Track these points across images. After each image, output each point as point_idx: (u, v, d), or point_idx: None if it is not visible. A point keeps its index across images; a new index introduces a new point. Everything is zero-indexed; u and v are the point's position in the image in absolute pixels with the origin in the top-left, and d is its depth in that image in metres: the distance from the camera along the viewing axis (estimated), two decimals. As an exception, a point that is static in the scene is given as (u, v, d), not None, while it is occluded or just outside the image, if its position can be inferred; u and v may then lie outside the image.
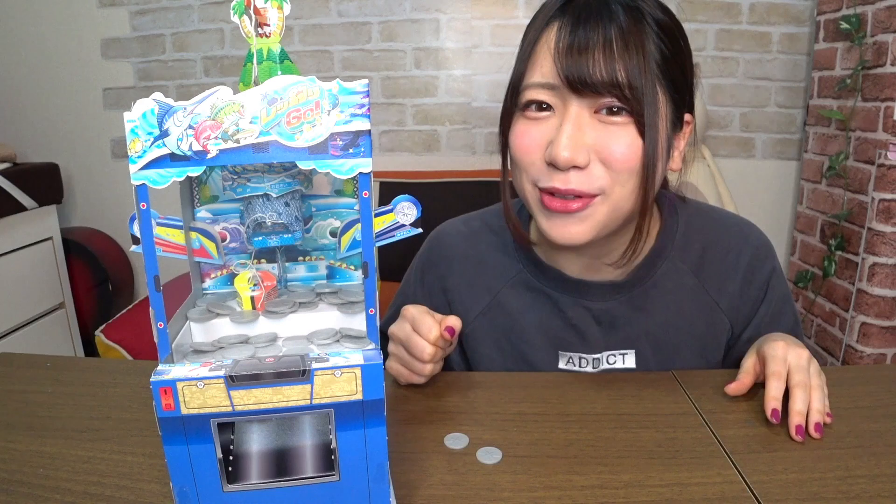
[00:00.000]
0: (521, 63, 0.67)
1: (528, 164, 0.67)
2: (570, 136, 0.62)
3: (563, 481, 0.53)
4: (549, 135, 0.65)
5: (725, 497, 0.50)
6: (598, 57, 0.61)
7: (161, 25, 2.20)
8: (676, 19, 0.67)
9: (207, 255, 0.51)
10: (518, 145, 0.67)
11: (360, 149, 0.39)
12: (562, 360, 0.78)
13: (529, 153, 0.66)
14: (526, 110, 0.67)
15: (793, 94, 2.11)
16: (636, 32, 0.62)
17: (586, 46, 0.61)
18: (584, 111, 0.63)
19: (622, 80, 0.61)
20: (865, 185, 1.72)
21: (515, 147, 0.68)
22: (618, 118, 0.63)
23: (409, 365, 0.69)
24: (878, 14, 1.65)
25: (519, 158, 0.68)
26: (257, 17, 0.43)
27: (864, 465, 0.54)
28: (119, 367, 0.81)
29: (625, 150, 0.63)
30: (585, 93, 0.62)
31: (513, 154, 0.69)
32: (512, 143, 0.68)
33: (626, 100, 0.62)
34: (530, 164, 0.67)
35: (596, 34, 0.61)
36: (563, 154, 0.62)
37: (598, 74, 0.61)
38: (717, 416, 0.63)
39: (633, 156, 0.63)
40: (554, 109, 0.65)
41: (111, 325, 1.63)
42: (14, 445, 0.59)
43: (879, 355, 1.74)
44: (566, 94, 0.63)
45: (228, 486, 0.41)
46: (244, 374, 0.39)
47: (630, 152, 0.63)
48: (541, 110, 0.66)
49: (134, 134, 0.38)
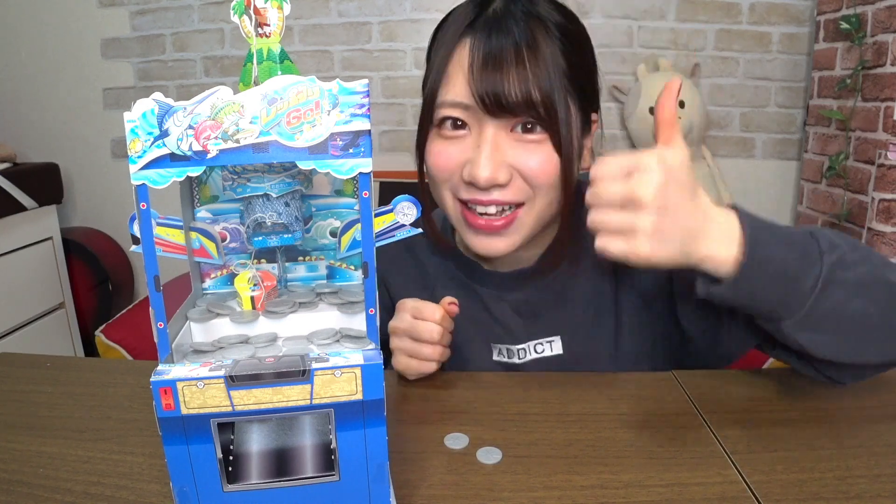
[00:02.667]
0: (434, 79, 0.67)
1: (445, 180, 0.69)
2: (488, 156, 0.64)
3: (563, 481, 0.53)
4: (465, 154, 0.66)
5: (725, 497, 0.50)
6: (511, 78, 0.62)
7: (161, 25, 2.20)
8: (574, 17, 0.68)
9: (207, 255, 0.51)
10: (435, 164, 0.69)
11: (360, 149, 0.39)
12: (494, 352, 0.79)
13: (447, 171, 0.68)
14: (441, 127, 0.68)
15: (793, 94, 2.11)
16: (543, 46, 0.63)
17: (500, 66, 0.62)
18: (500, 131, 0.65)
19: (536, 99, 0.62)
20: (865, 185, 1.72)
21: (432, 165, 0.69)
22: (533, 135, 0.65)
23: (417, 353, 0.68)
24: (878, 14, 1.65)
25: (436, 176, 0.69)
26: (257, 17, 0.43)
27: (864, 465, 0.54)
28: (119, 367, 0.81)
29: (544, 165, 0.65)
30: (500, 113, 0.63)
31: (430, 171, 0.70)
32: (429, 161, 0.70)
33: (541, 118, 0.63)
34: (448, 180, 0.69)
35: (507, 53, 0.62)
36: (483, 174, 0.64)
37: (513, 96, 0.62)
38: (717, 416, 0.63)
39: (552, 170, 0.66)
40: (469, 127, 0.66)
41: (111, 325, 1.63)
42: (14, 445, 0.59)
43: (879, 355, 1.74)
44: (481, 115, 0.64)
45: (228, 486, 0.41)
46: (244, 374, 0.39)
47: (549, 167, 0.65)
48: (456, 128, 0.67)
49: (134, 134, 0.38)
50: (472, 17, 0.66)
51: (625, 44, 2.08)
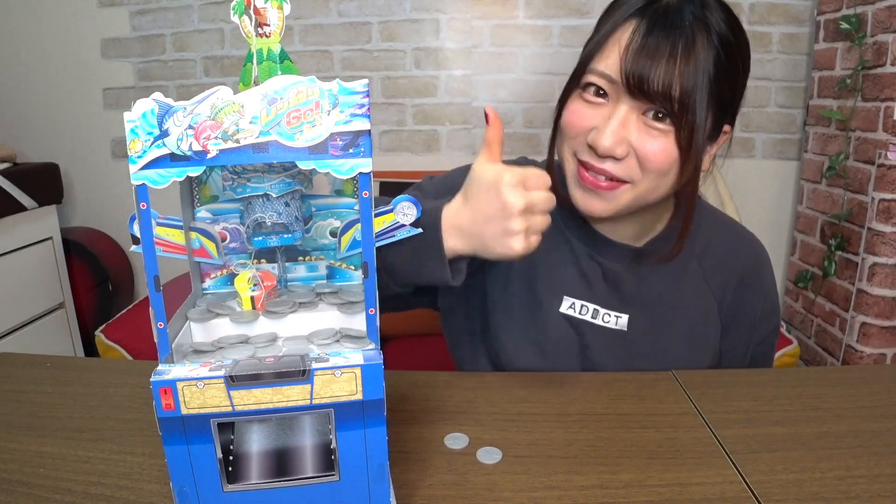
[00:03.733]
0: (592, 46, 0.72)
1: (571, 138, 0.73)
2: (614, 130, 0.68)
3: (563, 481, 0.53)
4: (596, 120, 0.70)
5: (725, 497, 0.50)
6: (659, 68, 0.65)
7: (161, 25, 2.20)
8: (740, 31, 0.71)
9: (207, 255, 0.51)
10: (569, 121, 0.73)
11: (360, 149, 0.39)
12: (565, 304, 0.81)
13: (576, 130, 0.72)
14: (585, 90, 0.72)
15: (793, 94, 2.11)
16: (700, 48, 0.66)
17: (653, 56, 0.66)
18: (633, 111, 0.69)
19: (675, 93, 0.66)
20: (865, 185, 1.72)
21: (566, 122, 0.74)
22: (661, 125, 0.68)
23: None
24: (878, 14, 1.65)
25: (566, 131, 0.74)
26: (257, 17, 0.43)
27: (864, 465, 0.54)
28: (119, 367, 0.81)
29: (659, 153, 0.68)
30: (639, 96, 0.67)
31: (562, 125, 0.75)
32: (564, 117, 0.74)
33: (673, 112, 0.67)
34: (574, 138, 0.73)
35: (664, 46, 0.66)
36: (605, 143, 0.68)
37: (656, 84, 0.65)
38: (717, 416, 0.63)
39: (666, 160, 0.69)
40: (608, 98, 0.70)
41: (111, 325, 1.63)
42: (14, 445, 0.59)
43: (879, 355, 1.74)
44: (621, 92, 0.68)
45: (228, 486, 0.41)
46: (244, 374, 0.39)
47: (664, 157, 0.68)
48: (597, 96, 0.71)
49: (134, 134, 0.38)
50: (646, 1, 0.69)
51: (625, 44, 2.08)
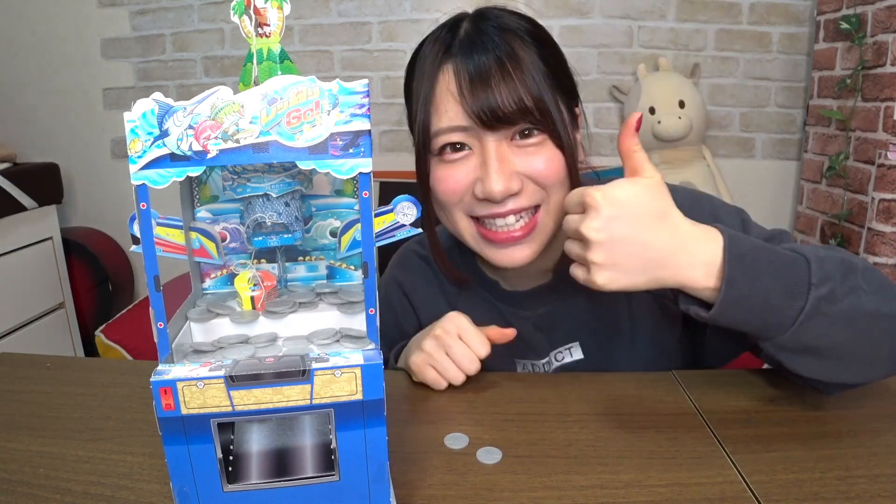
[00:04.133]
0: (424, 111, 0.68)
1: (455, 203, 0.70)
2: (497, 170, 0.65)
3: (563, 481, 0.53)
4: (472, 173, 0.67)
5: (725, 497, 0.50)
6: (501, 91, 0.63)
7: (161, 25, 2.20)
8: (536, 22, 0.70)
9: (207, 255, 0.51)
10: (444, 190, 0.69)
11: (360, 149, 0.39)
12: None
13: (458, 193, 0.69)
14: (442, 154, 0.68)
15: (793, 94, 2.11)
16: (521, 53, 0.65)
17: (487, 82, 0.63)
18: (501, 142, 0.66)
19: (529, 104, 0.64)
20: (865, 185, 1.72)
21: (441, 192, 0.69)
22: (533, 139, 0.66)
23: (444, 371, 0.68)
24: (878, 14, 1.65)
25: (447, 200, 0.70)
26: (257, 17, 0.43)
27: (864, 465, 0.54)
28: (119, 367, 0.81)
29: (549, 164, 0.66)
30: (498, 126, 0.65)
31: (439, 198, 0.70)
32: (436, 189, 0.70)
33: (537, 121, 0.65)
34: (458, 202, 0.69)
35: (492, 69, 0.63)
36: (497, 187, 0.65)
37: (508, 106, 0.63)
38: (717, 416, 0.63)
39: (558, 167, 0.67)
40: (470, 147, 0.67)
41: (111, 325, 1.63)
42: (14, 445, 0.59)
43: (879, 355, 1.74)
44: (480, 132, 0.66)
45: (228, 486, 0.41)
46: (244, 374, 0.39)
47: (555, 165, 0.67)
48: (456, 151, 0.68)
49: (134, 134, 0.38)
50: (447, 43, 0.67)
51: (625, 44, 2.08)
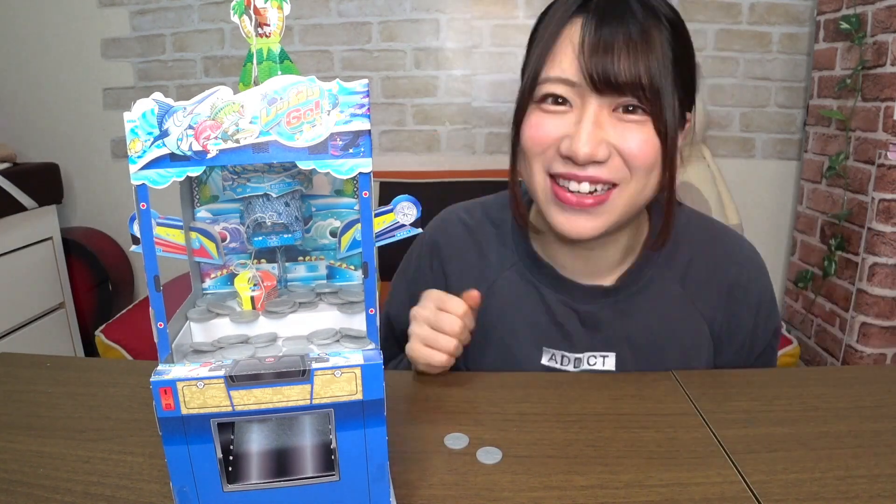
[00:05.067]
0: (539, 56, 0.67)
1: (538, 154, 0.68)
2: (590, 132, 0.63)
3: (563, 481, 0.53)
4: (564, 129, 0.65)
5: (725, 497, 0.50)
6: (622, 57, 0.62)
7: (161, 25, 2.20)
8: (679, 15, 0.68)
9: (207, 255, 0.51)
10: (532, 136, 0.68)
11: (360, 149, 0.39)
12: (545, 357, 0.78)
13: (543, 144, 0.67)
14: (542, 103, 0.67)
15: (793, 94, 2.11)
16: (655, 33, 0.63)
17: (611, 46, 0.62)
18: (603, 109, 0.64)
19: (645, 82, 0.62)
20: (865, 185, 1.72)
21: (528, 137, 0.68)
22: (635, 116, 0.64)
23: (434, 342, 0.69)
24: (878, 14, 1.65)
25: (530, 148, 0.68)
26: (257, 17, 0.43)
27: (864, 465, 0.54)
28: (119, 367, 0.81)
29: (643, 146, 0.64)
30: (607, 92, 0.63)
31: (525, 144, 0.69)
32: (525, 134, 0.68)
33: (647, 100, 0.63)
34: (541, 153, 0.68)
35: (619, 33, 0.62)
36: (584, 150, 0.63)
37: (623, 75, 0.62)
38: (717, 416, 0.63)
39: (651, 152, 0.65)
40: (571, 104, 0.66)
41: (111, 325, 1.63)
42: (14, 445, 0.59)
43: (879, 355, 1.74)
44: (586, 92, 0.64)
45: (228, 486, 0.41)
46: (244, 374, 0.39)
47: (648, 148, 0.64)
48: (557, 104, 0.66)
49: (134, 134, 0.38)
50: None
51: (625, 44, 2.08)
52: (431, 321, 0.69)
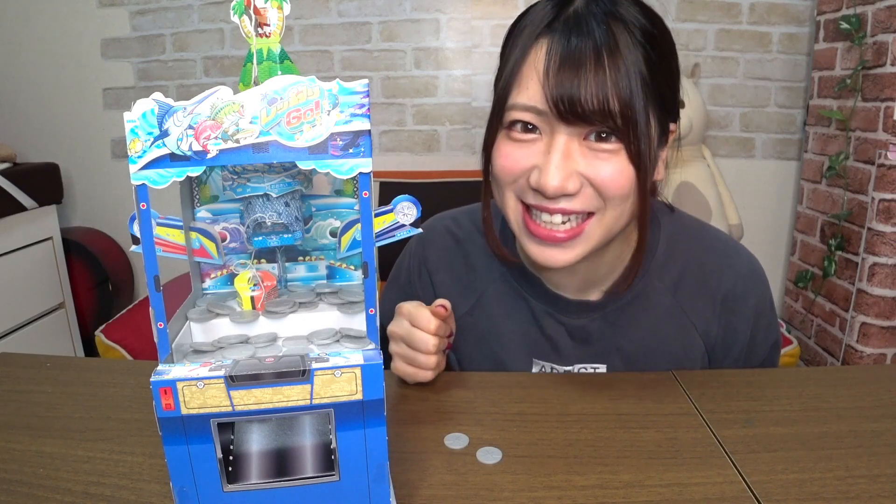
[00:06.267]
0: (507, 80, 0.64)
1: (510, 183, 0.66)
2: (558, 165, 0.61)
3: (563, 481, 0.53)
4: (533, 159, 0.63)
5: (725, 497, 0.50)
6: (588, 83, 0.58)
7: (161, 25, 2.20)
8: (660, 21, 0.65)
9: (207, 255, 0.51)
10: (502, 166, 0.66)
11: (360, 149, 0.39)
12: (535, 368, 0.78)
13: (513, 174, 0.65)
14: (511, 129, 0.65)
15: (793, 94, 2.11)
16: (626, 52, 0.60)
17: (577, 72, 0.59)
18: (572, 139, 0.62)
19: (614, 108, 0.59)
20: (865, 185, 1.72)
21: (500, 167, 0.66)
22: (607, 145, 0.61)
23: (413, 361, 0.68)
24: (878, 14, 1.65)
25: (502, 178, 0.67)
26: (257, 17, 0.43)
27: (864, 465, 0.54)
28: (119, 367, 0.81)
29: (616, 176, 0.62)
30: (575, 121, 0.60)
31: (496, 173, 0.67)
32: (495, 163, 0.67)
33: (618, 129, 0.60)
34: (513, 183, 0.66)
35: (586, 57, 0.59)
36: (553, 183, 0.61)
37: (590, 103, 0.59)
38: (717, 416, 0.63)
39: (625, 182, 0.62)
40: (540, 131, 0.63)
41: (111, 325, 1.63)
42: (14, 445, 0.59)
43: (879, 355, 1.74)
44: (554, 121, 0.61)
45: (228, 486, 0.41)
46: (244, 374, 0.39)
47: (622, 179, 0.62)
48: (526, 131, 0.64)
49: (134, 134, 0.38)
50: (550, 16, 0.62)
51: (625, 44, 2.08)
52: (407, 339, 0.68)
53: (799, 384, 0.70)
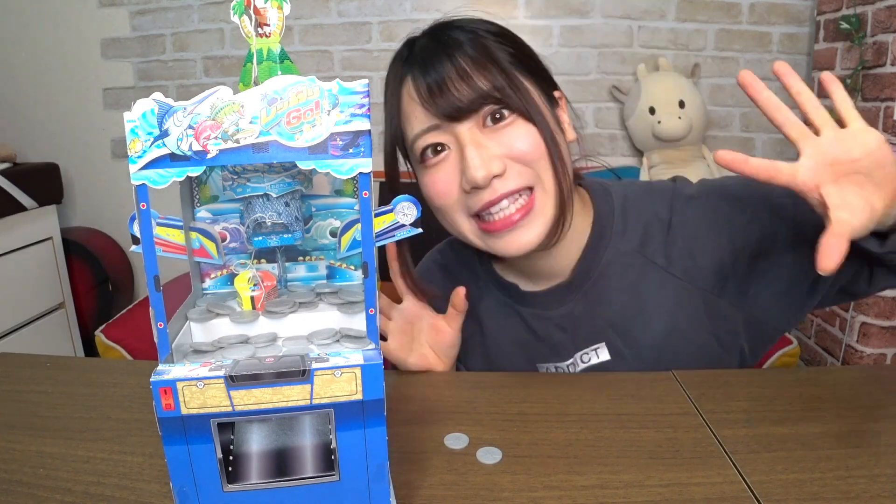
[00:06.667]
0: (395, 127, 0.71)
1: (452, 204, 0.70)
2: (474, 155, 0.65)
3: (563, 481, 0.53)
4: (456, 170, 0.68)
5: (725, 497, 0.50)
6: (456, 81, 0.65)
7: (161, 25, 2.20)
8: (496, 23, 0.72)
9: (207, 255, 0.51)
10: (435, 193, 0.70)
11: (360, 149, 0.39)
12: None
13: (448, 193, 0.69)
14: (424, 161, 0.70)
15: (793, 94, 2.11)
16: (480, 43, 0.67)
17: (442, 79, 0.65)
18: (473, 130, 0.67)
19: (486, 87, 0.65)
20: (865, 185, 1.72)
21: (434, 196, 0.70)
22: (504, 120, 0.67)
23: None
24: (878, 14, 1.65)
25: (441, 203, 0.70)
26: (257, 17, 0.43)
27: (864, 465, 0.54)
28: (119, 367, 0.81)
29: (525, 138, 0.67)
30: (468, 114, 0.66)
31: (434, 202, 0.71)
32: (429, 195, 0.71)
33: (500, 100, 0.66)
34: (454, 202, 0.70)
35: (445, 67, 0.66)
36: (479, 173, 0.65)
37: (465, 93, 0.65)
38: (717, 416, 0.63)
39: (534, 141, 0.67)
40: (448, 147, 0.68)
41: (111, 325, 1.64)
42: (14, 445, 0.59)
43: (879, 355, 1.74)
44: (450, 126, 0.67)
45: (228, 486, 0.41)
46: (244, 374, 0.39)
47: (531, 138, 0.67)
48: (436, 154, 0.69)
49: (134, 134, 0.38)
50: (405, 56, 0.71)
51: (625, 44, 2.08)
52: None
53: (799, 384, 0.70)
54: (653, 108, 1.95)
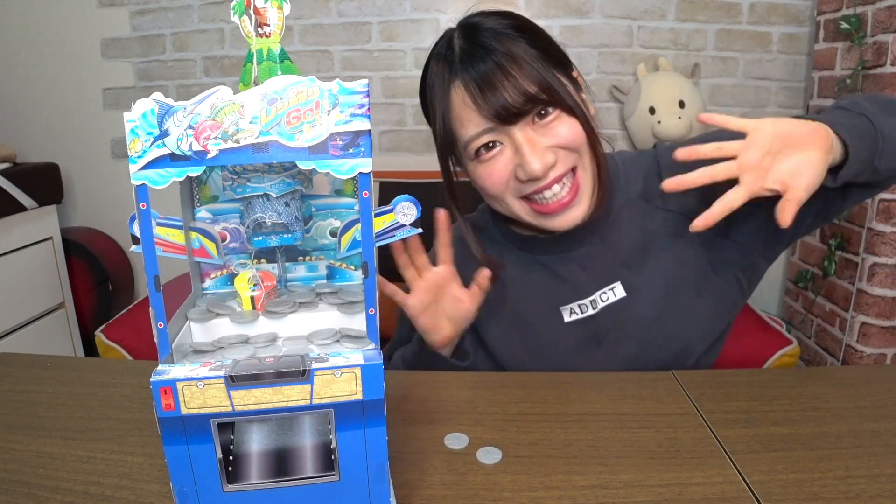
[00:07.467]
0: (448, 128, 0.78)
1: (503, 191, 0.78)
2: (531, 153, 0.74)
3: (563, 481, 0.53)
4: (510, 162, 0.76)
5: (725, 497, 0.50)
6: (507, 89, 0.72)
7: (161, 25, 2.20)
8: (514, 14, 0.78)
9: (207, 255, 0.51)
10: (492, 183, 0.78)
11: (360, 149, 0.39)
12: (565, 315, 0.85)
13: (503, 182, 0.77)
14: (478, 157, 0.77)
15: (793, 94, 2.11)
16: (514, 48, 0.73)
17: (494, 85, 0.72)
18: (525, 128, 0.75)
19: (535, 91, 0.73)
20: (865, 185, 1.72)
21: (490, 186, 0.78)
22: (549, 116, 0.75)
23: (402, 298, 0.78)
24: (878, 14, 1.65)
25: (496, 190, 0.79)
26: (257, 17, 0.43)
27: (864, 465, 0.54)
28: (119, 367, 0.81)
29: (571, 130, 0.75)
30: (518, 118, 0.74)
31: (488, 190, 0.79)
32: (484, 185, 0.79)
33: (546, 101, 0.74)
34: (505, 189, 0.78)
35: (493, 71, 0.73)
36: (536, 167, 0.73)
37: (517, 101, 0.72)
38: (717, 416, 0.63)
39: (578, 130, 0.76)
40: (501, 143, 0.76)
41: (111, 325, 1.63)
42: (14, 445, 0.59)
43: (879, 355, 1.74)
44: (504, 128, 0.75)
45: (228, 486, 0.41)
46: (244, 374, 0.39)
47: (575, 129, 0.75)
48: (489, 150, 0.76)
49: (134, 134, 0.38)
50: (449, 60, 0.77)
51: (625, 44, 2.08)
52: None
53: (799, 384, 0.70)
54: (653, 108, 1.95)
